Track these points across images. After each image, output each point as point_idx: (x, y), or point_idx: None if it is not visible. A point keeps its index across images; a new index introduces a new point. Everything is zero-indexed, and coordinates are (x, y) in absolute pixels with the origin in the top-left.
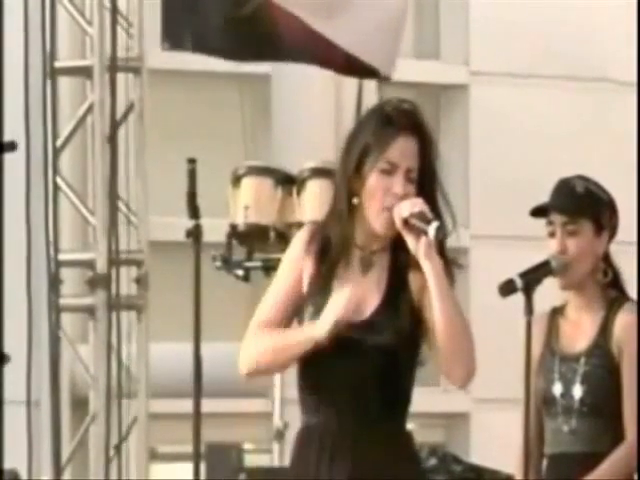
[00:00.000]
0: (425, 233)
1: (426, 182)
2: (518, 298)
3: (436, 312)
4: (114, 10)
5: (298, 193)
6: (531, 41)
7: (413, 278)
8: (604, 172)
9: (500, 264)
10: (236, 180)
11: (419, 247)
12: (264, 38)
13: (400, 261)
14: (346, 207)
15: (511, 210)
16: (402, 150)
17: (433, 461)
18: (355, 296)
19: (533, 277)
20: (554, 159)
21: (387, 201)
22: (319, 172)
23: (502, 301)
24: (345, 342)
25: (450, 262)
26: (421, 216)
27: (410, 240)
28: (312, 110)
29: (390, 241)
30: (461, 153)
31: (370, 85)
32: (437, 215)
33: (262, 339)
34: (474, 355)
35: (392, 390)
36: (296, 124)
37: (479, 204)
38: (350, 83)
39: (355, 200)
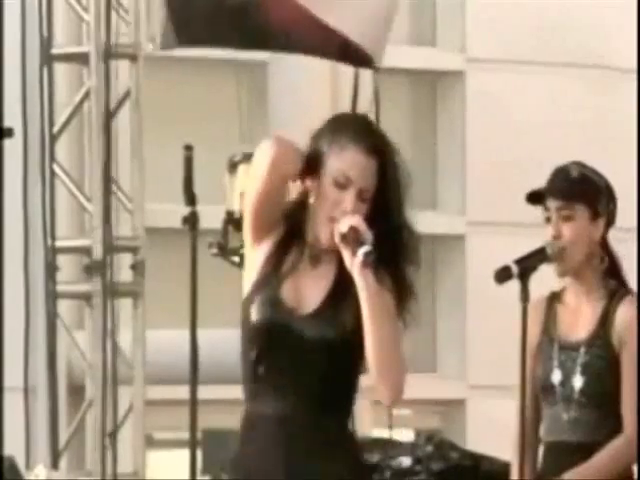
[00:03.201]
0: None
1: (384, 207)
2: (515, 284)
3: (365, 330)
4: None
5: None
6: (528, 27)
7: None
8: (602, 159)
9: (497, 251)
10: (232, 167)
11: (353, 264)
12: (256, 27)
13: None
14: (302, 201)
15: (508, 197)
16: (358, 168)
17: (429, 448)
18: (300, 287)
19: (529, 264)
20: (551, 146)
21: (334, 213)
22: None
23: (499, 288)
24: (284, 333)
25: (404, 284)
26: (356, 236)
27: (346, 256)
28: (309, 97)
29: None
30: (458, 140)
31: (366, 72)
32: (393, 244)
33: None
34: (401, 378)
35: (329, 384)
36: (293, 111)
37: (476, 191)
38: (347, 70)
39: (312, 199)
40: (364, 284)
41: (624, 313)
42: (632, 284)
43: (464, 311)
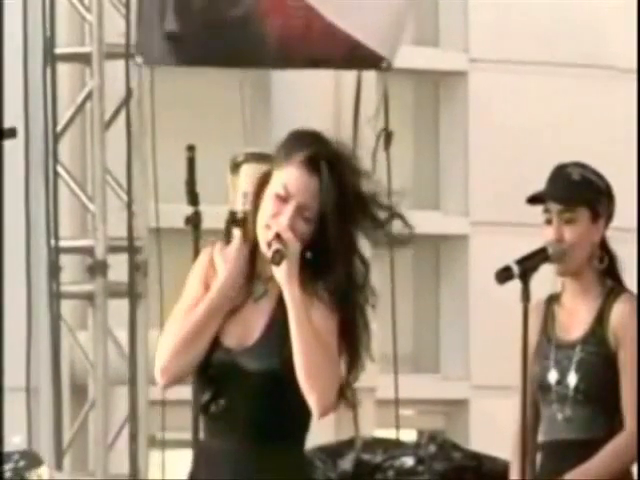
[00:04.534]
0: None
1: (328, 229)
2: (518, 285)
3: (292, 339)
4: None
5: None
6: (530, 28)
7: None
8: (604, 159)
9: (500, 251)
10: (235, 167)
11: (277, 273)
12: (253, 43)
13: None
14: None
15: (510, 197)
16: (299, 184)
17: (432, 448)
18: (242, 323)
19: (530, 264)
20: (554, 146)
21: (270, 222)
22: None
23: (502, 288)
24: (229, 368)
25: (347, 313)
26: (276, 239)
27: (273, 265)
28: (312, 97)
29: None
30: (460, 140)
31: (370, 74)
32: (333, 269)
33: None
34: (329, 389)
35: (278, 414)
36: (296, 111)
37: (478, 191)
38: (350, 71)
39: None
40: (287, 293)
41: (620, 310)
42: (632, 284)
43: (467, 311)
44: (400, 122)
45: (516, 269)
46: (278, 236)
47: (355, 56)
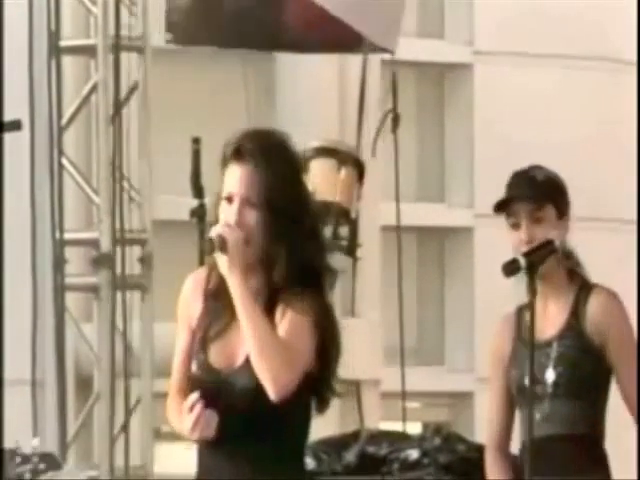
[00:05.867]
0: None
1: (274, 210)
2: (523, 278)
3: (242, 326)
4: None
5: None
6: (535, 20)
7: (280, 318)
8: (610, 151)
9: (504, 244)
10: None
11: (220, 263)
12: (268, 27)
13: (272, 303)
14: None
15: None
16: (237, 178)
17: (437, 440)
18: (228, 344)
19: (536, 257)
20: (559, 138)
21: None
22: (323, 151)
23: (507, 280)
24: (220, 389)
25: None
26: (223, 241)
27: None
28: (316, 89)
29: (264, 284)
30: (465, 133)
31: (375, 62)
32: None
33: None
34: (282, 374)
35: (273, 432)
36: (300, 104)
37: (483, 183)
38: (354, 62)
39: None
40: (231, 283)
41: (597, 301)
42: (632, 281)
43: (472, 304)
44: (405, 114)
45: (523, 262)
46: (220, 237)
47: (360, 40)
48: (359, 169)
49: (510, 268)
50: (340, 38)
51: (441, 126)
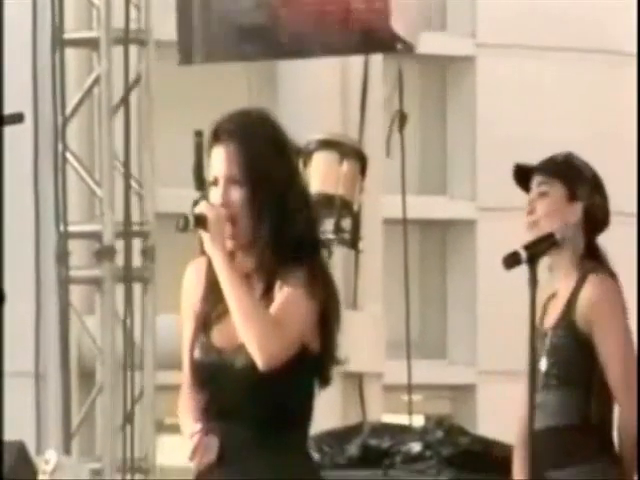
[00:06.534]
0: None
1: (258, 185)
2: (525, 270)
3: (226, 300)
4: None
5: (304, 165)
6: (538, 13)
7: (277, 295)
8: (611, 142)
9: (507, 236)
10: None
11: (205, 239)
12: (267, 36)
13: (270, 283)
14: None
15: None
16: (219, 159)
17: (439, 433)
18: (229, 325)
19: (537, 249)
20: (562, 131)
21: None
22: (326, 144)
23: (509, 273)
24: (223, 368)
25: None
26: (204, 220)
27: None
28: (319, 82)
29: (259, 264)
30: (468, 125)
31: (377, 58)
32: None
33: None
34: (269, 340)
35: (273, 410)
36: (303, 97)
37: (486, 176)
38: (357, 59)
39: None
40: (213, 259)
41: (588, 292)
42: (632, 274)
43: (474, 297)
44: (407, 107)
45: (524, 254)
46: (201, 215)
47: (369, 40)
48: (361, 162)
49: (511, 261)
50: (341, 41)
51: (443, 119)
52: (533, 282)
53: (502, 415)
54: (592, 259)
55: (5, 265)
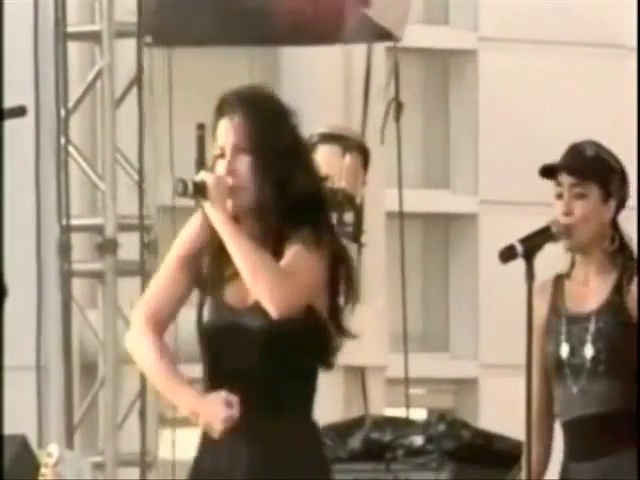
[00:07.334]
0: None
1: (264, 152)
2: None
3: (231, 256)
4: None
5: None
6: (540, 6)
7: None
8: (613, 137)
9: (509, 230)
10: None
11: (206, 206)
12: (261, 22)
13: (279, 248)
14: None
15: (520, 176)
16: (225, 130)
17: (442, 427)
18: (242, 284)
19: (534, 243)
20: (564, 125)
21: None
22: (328, 137)
23: (511, 267)
24: (231, 329)
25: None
26: (204, 188)
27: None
28: (321, 77)
29: (267, 229)
30: (470, 119)
31: (379, 50)
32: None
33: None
34: (279, 288)
35: (283, 372)
36: (305, 91)
37: (488, 170)
38: (359, 49)
39: None
40: (215, 222)
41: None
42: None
43: (476, 290)
44: (410, 101)
45: (520, 248)
46: (202, 183)
47: (364, 29)
48: (364, 155)
49: (507, 254)
50: (340, 29)
51: (446, 112)
52: (530, 276)
53: (504, 409)
54: (622, 253)
55: (7, 259)
